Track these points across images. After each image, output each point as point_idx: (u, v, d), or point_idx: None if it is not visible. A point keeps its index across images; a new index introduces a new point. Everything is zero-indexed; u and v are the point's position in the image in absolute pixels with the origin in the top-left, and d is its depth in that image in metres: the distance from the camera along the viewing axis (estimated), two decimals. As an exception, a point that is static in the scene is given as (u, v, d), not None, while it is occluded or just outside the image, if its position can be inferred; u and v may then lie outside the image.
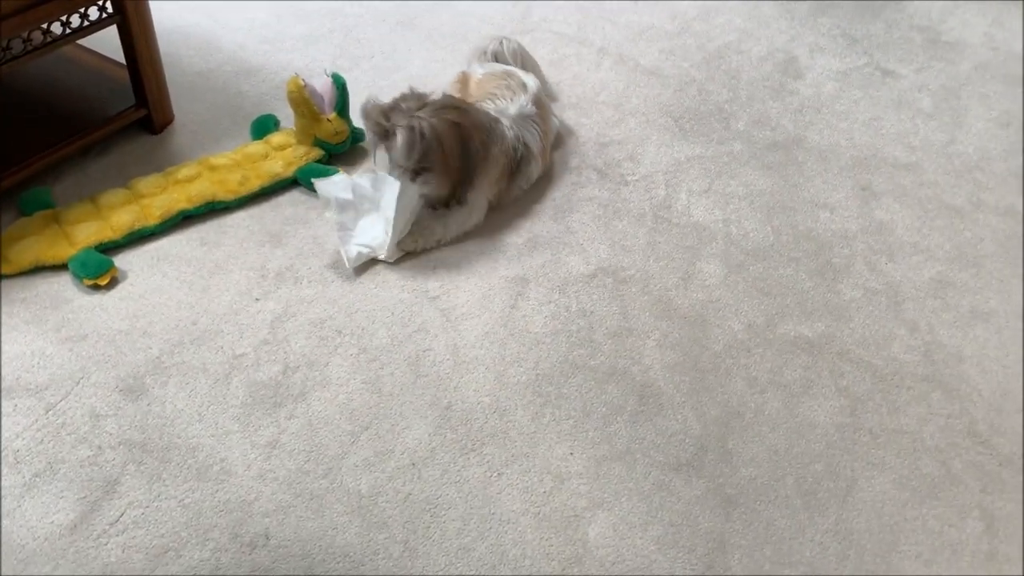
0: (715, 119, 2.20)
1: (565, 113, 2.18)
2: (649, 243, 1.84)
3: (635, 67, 2.37)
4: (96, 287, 1.64)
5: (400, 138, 1.66)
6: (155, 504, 1.33)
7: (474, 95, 1.95)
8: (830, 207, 1.96)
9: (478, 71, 2.02)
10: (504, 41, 2.08)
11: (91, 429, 1.42)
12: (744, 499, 1.40)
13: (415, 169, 1.69)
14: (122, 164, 1.90)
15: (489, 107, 1.84)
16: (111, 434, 1.42)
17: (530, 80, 1.94)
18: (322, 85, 1.94)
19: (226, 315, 1.62)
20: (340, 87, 1.93)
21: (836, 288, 1.77)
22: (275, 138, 1.96)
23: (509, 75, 1.95)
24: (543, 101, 1.95)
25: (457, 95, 2.03)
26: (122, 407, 1.46)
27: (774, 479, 1.43)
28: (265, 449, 1.41)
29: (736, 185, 2.00)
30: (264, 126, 2.01)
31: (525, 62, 2.11)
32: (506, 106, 1.85)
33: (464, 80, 2.03)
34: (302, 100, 1.87)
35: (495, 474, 1.40)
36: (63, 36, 1.75)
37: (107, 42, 1.97)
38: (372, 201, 1.74)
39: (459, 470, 1.40)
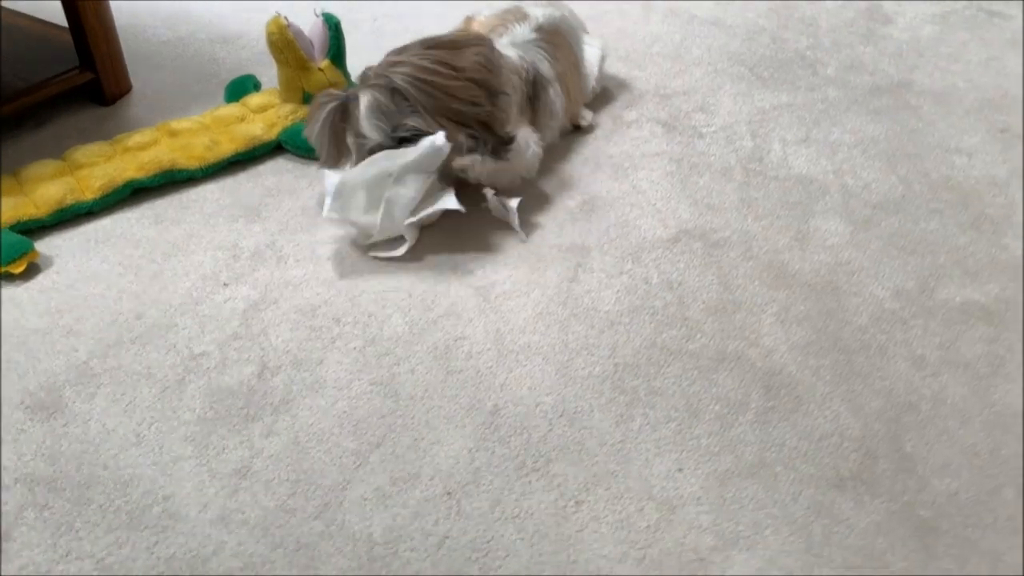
0: (798, 66, 1.79)
1: (615, 67, 1.76)
2: (742, 200, 1.40)
3: (690, 18, 1.97)
4: (8, 276, 1.21)
5: (362, 103, 1.23)
6: (60, 567, 0.88)
7: None
8: (966, 152, 1.52)
9: (483, 12, 1.62)
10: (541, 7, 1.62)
11: (-22, 462, 0.97)
12: (947, 524, 0.93)
13: (398, 137, 1.25)
14: (61, 136, 1.50)
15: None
16: (6, 468, 0.97)
17: (538, 10, 1.52)
18: (311, 27, 1.53)
19: (183, 305, 1.18)
20: (333, 27, 1.52)
21: (1001, 243, 1.32)
22: (254, 99, 1.55)
23: (513, 10, 1.54)
24: (560, 30, 1.53)
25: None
26: (26, 430, 1.01)
27: (985, 493, 0.96)
28: (230, 480, 0.96)
29: (840, 132, 1.57)
30: (241, 87, 1.60)
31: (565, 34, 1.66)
32: (501, 38, 1.43)
33: (467, 23, 1.62)
34: (286, 43, 1.46)
35: (571, 503, 0.94)
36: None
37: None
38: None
39: (517, 499, 0.94)
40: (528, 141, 1.36)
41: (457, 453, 0.99)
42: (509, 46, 1.40)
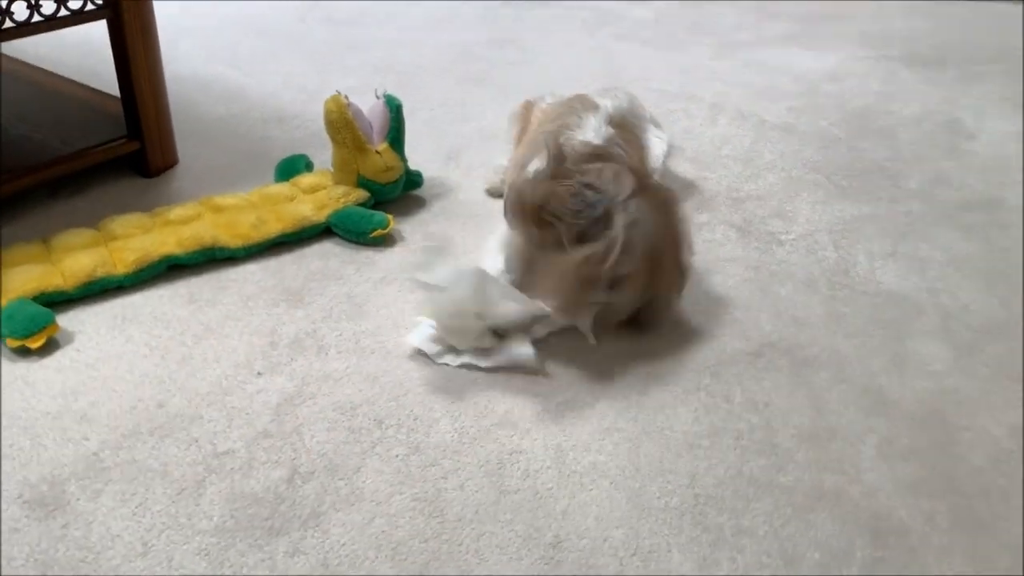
0: (878, 177, 1.68)
1: (682, 167, 1.67)
2: (830, 314, 1.27)
3: (760, 123, 1.88)
4: (24, 351, 1.10)
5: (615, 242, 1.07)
6: None
7: (534, 126, 1.45)
8: (1071, 277, 1.39)
9: (546, 99, 1.53)
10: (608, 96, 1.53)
11: (-41, 564, 0.84)
12: None
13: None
14: (99, 206, 1.42)
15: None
16: (-10, 574, 0.83)
17: (607, 102, 1.43)
18: (371, 109, 1.46)
19: (210, 395, 1.06)
20: (395, 110, 1.44)
21: None
22: (305, 179, 1.47)
23: (581, 100, 1.45)
24: (628, 125, 1.43)
25: (517, 129, 1.54)
26: (21, 529, 0.88)
27: None
28: (246, 607, 0.82)
29: (930, 248, 1.45)
30: (293, 166, 1.52)
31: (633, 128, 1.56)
32: (578, 131, 1.31)
33: (527, 108, 1.54)
34: (344, 123, 1.39)
35: (648, 664, 0.78)
36: (28, 22, 1.30)
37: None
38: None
39: (584, 655, 0.79)
40: None
41: (513, 591, 0.84)
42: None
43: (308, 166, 1.53)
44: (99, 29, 1.42)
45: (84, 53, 2.01)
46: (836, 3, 2.76)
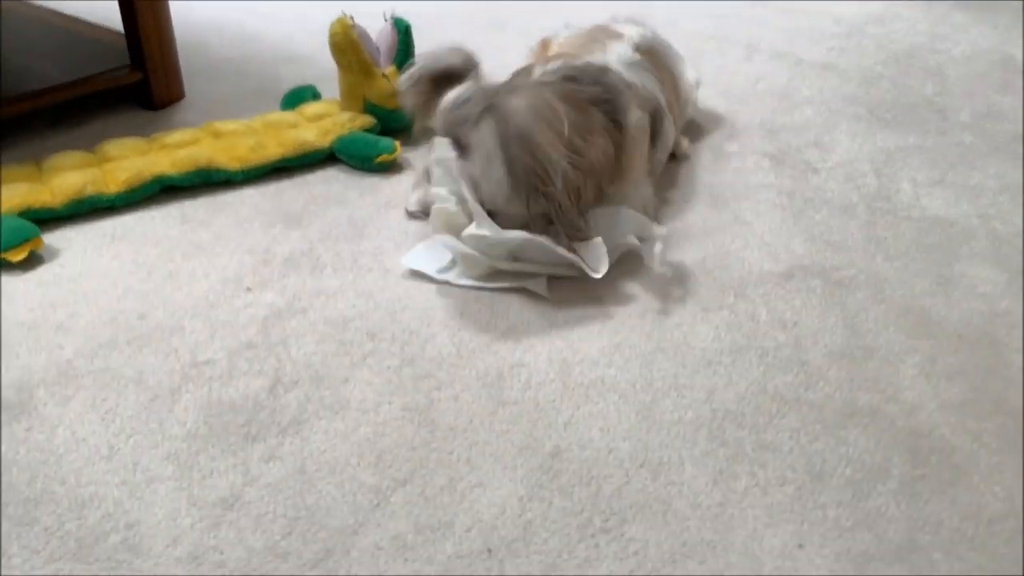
0: (925, 111, 1.57)
1: (712, 101, 1.57)
2: (869, 238, 1.17)
3: (797, 61, 1.78)
4: (4, 264, 1.05)
5: (482, 129, 1.00)
6: (-24, 603, 0.67)
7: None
8: None
9: (562, 33, 1.43)
10: (630, 25, 1.43)
11: (-87, 464, 0.78)
12: None
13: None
14: (99, 139, 1.35)
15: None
16: (-56, 473, 0.78)
17: (630, 29, 1.33)
18: (379, 33, 1.39)
19: (194, 308, 1.00)
20: (403, 32, 1.37)
21: None
22: (310, 107, 1.40)
23: (601, 29, 1.36)
24: (657, 51, 1.34)
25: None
26: (-19, 431, 0.82)
27: None
28: (213, 510, 0.75)
29: (982, 177, 1.34)
30: (299, 96, 1.46)
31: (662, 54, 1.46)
32: (600, 59, 1.21)
33: (543, 45, 1.44)
34: (350, 44, 1.32)
35: (652, 577, 0.70)
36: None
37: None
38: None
39: (579, 565, 0.70)
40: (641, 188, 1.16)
41: (504, 501, 0.76)
42: (621, 66, 1.20)
43: (315, 96, 1.46)
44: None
45: None
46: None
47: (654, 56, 1.32)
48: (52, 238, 1.12)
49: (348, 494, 0.76)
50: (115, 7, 1.41)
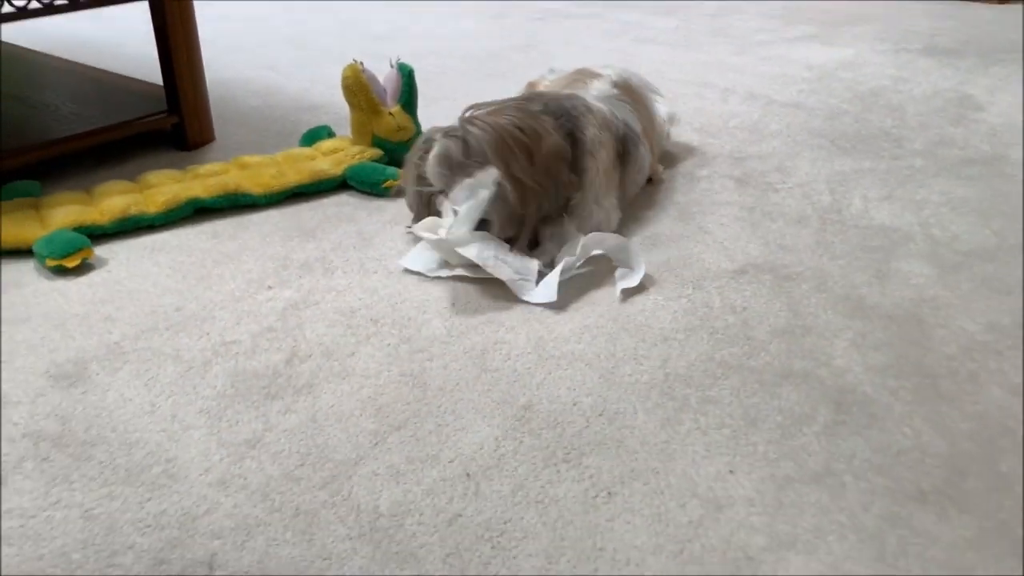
0: (882, 140, 1.73)
1: (687, 135, 1.74)
2: (818, 243, 1.31)
3: (769, 102, 1.95)
4: (61, 270, 1.22)
5: (433, 150, 1.20)
6: (46, 514, 0.81)
7: None
8: (1069, 213, 1.41)
9: (547, 77, 1.63)
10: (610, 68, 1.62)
11: (-11, 418, 0.94)
12: (1056, 547, 0.77)
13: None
14: (140, 171, 1.54)
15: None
16: (15, 424, 0.93)
17: (609, 71, 1.52)
18: (386, 76, 1.57)
19: (223, 302, 1.16)
20: (407, 75, 1.56)
21: (1113, 291, 1.18)
22: (326, 144, 1.58)
23: (583, 71, 1.55)
24: (634, 88, 1.52)
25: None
26: (44, 394, 0.98)
27: (1101, 519, 0.80)
28: (239, 448, 0.89)
29: (928, 193, 1.49)
30: (316, 135, 1.64)
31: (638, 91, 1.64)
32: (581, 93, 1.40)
33: (531, 86, 1.64)
34: (360, 87, 1.50)
35: (603, 494, 0.83)
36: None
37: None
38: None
39: (543, 487, 0.84)
40: (607, 212, 1.32)
41: (482, 440, 0.90)
42: (597, 100, 1.38)
43: (330, 134, 1.65)
44: (140, 23, 1.57)
45: (128, 47, 2.20)
46: (861, 5, 2.83)
47: (631, 92, 1.50)
48: (101, 250, 1.29)
49: (352, 436, 0.91)
50: (155, 62, 1.61)
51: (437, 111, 1.84)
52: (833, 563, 0.76)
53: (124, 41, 2.40)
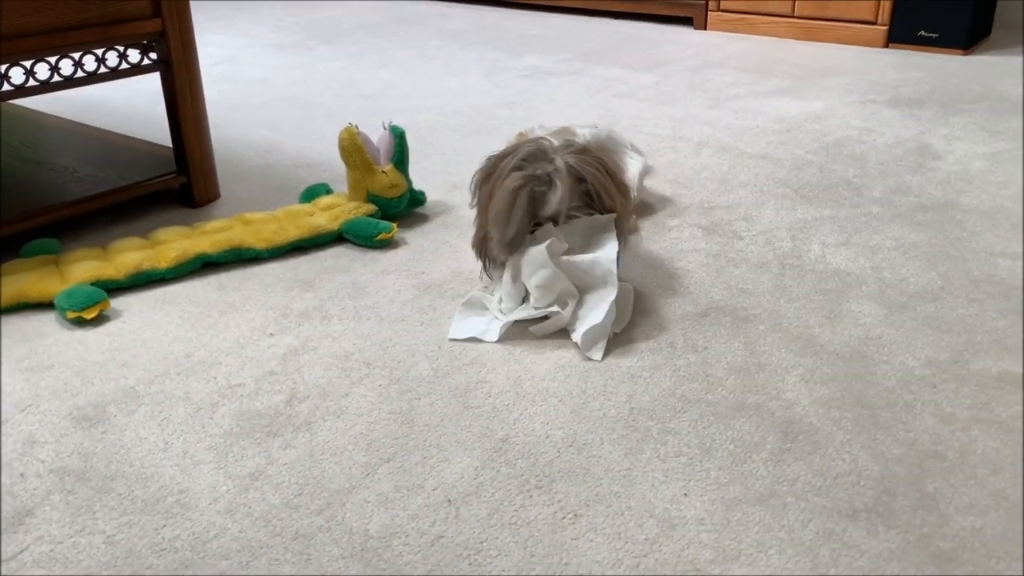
0: (843, 189, 1.85)
1: (662, 187, 1.86)
2: (777, 286, 1.42)
3: (740, 154, 2.08)
4: (80, 321, 1.33)
5: (559, 189, 1.30)
6: (72, 540, 0.91)
7: None
8: (1011, 256, 1.52)
9: (536, 130, 1.76)
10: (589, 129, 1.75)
11: (19, 456, 1.04)
12: (969, 555, 0.87)
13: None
14: (150, 228, 1.66)
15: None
16: (43, 461, 1.03)
17: (586, 129, 1.65)
18: (379, 137, 1.70)
19: (229, 349, 1.27)
20: (398, 137, 1.68)
21: (1044, 327, 1.29)
22: (323, 200, 1.70)
23: (565, 128, 1.68)
24: (605, 147, 1.64)
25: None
26: (68, 434, 1.08)
27: (1014, 531, 0.90)
28: (243, 481, 0.99)
29: (882, 239, 1.60)
30: (314, 192, 1.76)
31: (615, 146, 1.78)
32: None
33: (520, 137, 1.76)
34: (355, 148, 1.63)
35: (570, 515, 0.93)
36: (96, 73, 1.59)
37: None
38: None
39: (516, 510, 0.94)
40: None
41: (463, 470, 1.00)
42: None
43: (328, 191, 1.77)
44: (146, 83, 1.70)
45: (137, 107, 2.33)
46: (833, 58, 2.98)
47: (603, 151, 1.63)
48: (117, 302, 1.40)
49: (345, 468, 1.01)
50: (162, 120, 1.74)
51: (429, 166, 1.98)
52: (772, 574, 0.86)
53: (132, 102, 2.54)
